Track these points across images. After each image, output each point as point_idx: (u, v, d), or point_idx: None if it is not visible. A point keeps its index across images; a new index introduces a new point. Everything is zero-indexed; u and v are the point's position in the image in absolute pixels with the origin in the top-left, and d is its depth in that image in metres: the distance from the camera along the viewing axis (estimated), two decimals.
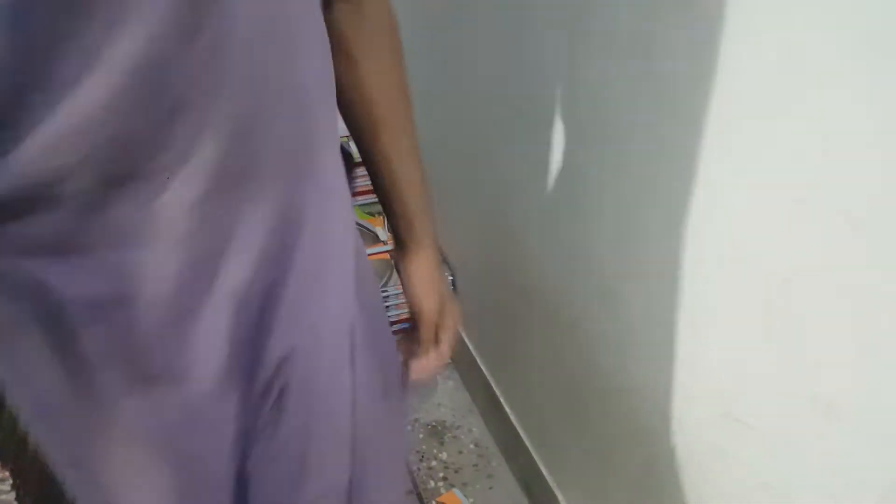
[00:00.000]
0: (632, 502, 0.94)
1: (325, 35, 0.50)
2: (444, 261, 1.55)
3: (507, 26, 1.03)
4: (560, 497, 1.15)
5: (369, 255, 1.58)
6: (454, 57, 1.28)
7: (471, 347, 1.49)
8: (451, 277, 1.52)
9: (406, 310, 1.48)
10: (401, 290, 1.47)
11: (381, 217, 1.73)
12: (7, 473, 0.71)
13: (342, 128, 2.10)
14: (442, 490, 1.32)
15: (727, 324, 0.69)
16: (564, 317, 1.04)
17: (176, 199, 0.42)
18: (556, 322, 1.08)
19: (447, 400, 1.54)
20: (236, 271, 0.47)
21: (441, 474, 1.36)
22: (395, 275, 1.51)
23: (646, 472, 0.88)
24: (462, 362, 1.56)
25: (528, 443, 1.25)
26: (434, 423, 1.48)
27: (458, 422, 1.48)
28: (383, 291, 1.48)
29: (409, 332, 0.71)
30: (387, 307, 1.50)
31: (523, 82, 1.02)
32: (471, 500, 1.28)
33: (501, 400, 1.35)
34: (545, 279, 1.07)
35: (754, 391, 0.66)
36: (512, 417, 1.31)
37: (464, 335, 1.53)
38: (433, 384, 1.57)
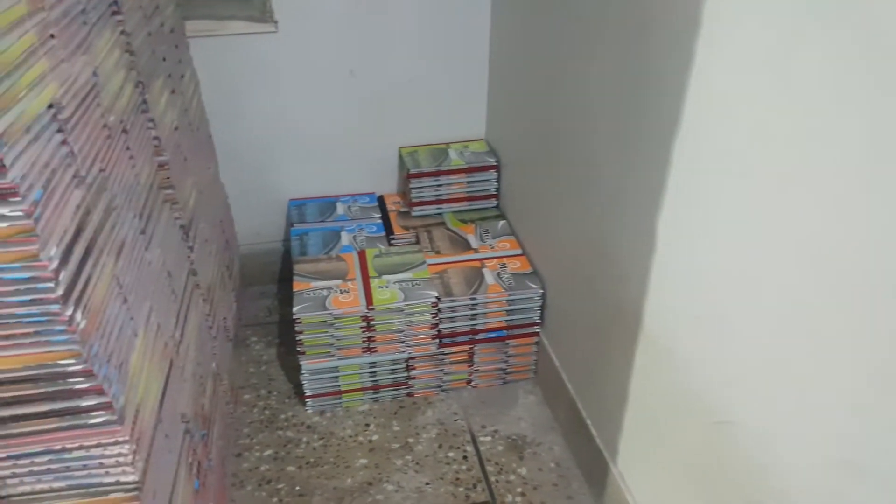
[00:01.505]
0: None
1: None
2: (536, 272, 1.55)
3: (628, 38, 1.03)
4: None
5: (459, 262, 1.60)
6: (571, 72, 1.28)
7: (556, 363, 1.48)
8: (541, 291, 1.52)
9: (499, 317, 1.50)
10: (490, 300, 1.51)
11: (473, 224, 1.75)
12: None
13: (404, 138, 2.18)
14: None
15: (855, 361, 0.65)
16: (663, 341, 1.02)
17: None
18: (652, 345, 1.06)
19: (528, 415, 1.53)
20: None
21: (519, 489, 1.35)
22: (484, 282, 1.53)
23: None
24: (546, 377, 1.56)
25: (613, 468, 1.23)
26: (514, 437, 1.47)
27: (538, 438, 1.47)
28: (472, 299, 1.49)
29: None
30: (475, 315, 1.52)
31: (639, 95, 1.01)
32: None
33: (587, 420, 1.33)
34: (644, 300, 1.06)
35: (882, 439, 0.63)
36: (597, 439, 1.29)
37: (550, 350, 1.52)
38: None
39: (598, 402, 1.29)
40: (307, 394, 1.51)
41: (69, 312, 0.65)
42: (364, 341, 1.48)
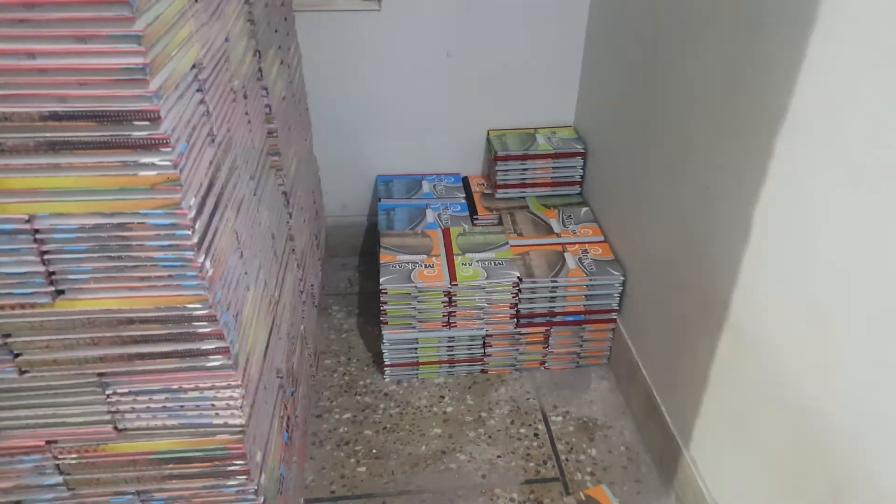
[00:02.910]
0: None
1: None
2: (617, 260, 1.54)
3: (737, 30, 1.00)
4: None
5: (541, 245, 1.61)
6: (671, 62, 1.26)
7: (633, 350, 1.47)
8: (622, 278, 1.51)
9: (578, 301, 1.51)
10: (570, 283, 1.51)
11: (556, 210, 1.75)
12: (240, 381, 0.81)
13: (493, 122, 2.20)
14: (588, 484, 1.33)
15: None
16: (751, 331, 1.00)
17: None
18: (738, 335, 1.04)
19: (599, 399, 1.53)
20: None
21: (588, 469, 1.36)
22: (566, 266, 1.53)
23: (832, 501, 0.83)
24: (620, 364, 1.55)
25: (686, 453, 1.22)
26: (585, 419, 1.48)
27: (609, 422, 1.47)
28: (553, 282, 1.50)
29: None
30: (554, 297, 1.52)
31: (745, 88, 0.98)
32: (618, 499, 1.27)
33: (661, 406, 1.32)
34: (734, 291, 1.04)
35: None
36: (671, 425, 1.28)
37: (626, 337, 1.51)
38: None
39: (673, 389, 1.28)
40: (386, 363, 1.57)
41: (201, 260, 0.71)
42: (445, 316, 1.52)
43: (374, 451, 1.40)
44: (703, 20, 1.11)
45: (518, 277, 1.49)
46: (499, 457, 1.39)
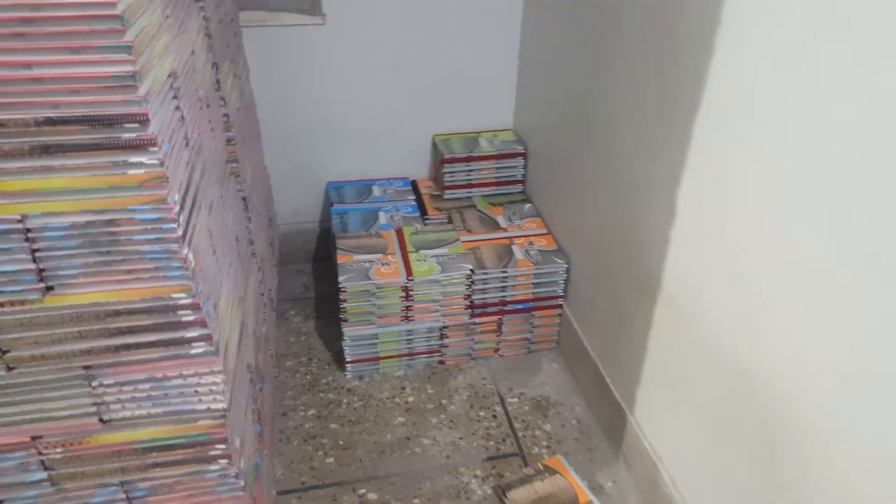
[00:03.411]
0: (746, 476, 1.01)
1: None
2: (561, 249, 1.66)
3: (652, 31, 1.13)
4: (664, 471, 1.23)
5: (490, 240, 1.71)
6: (597, 64, 1.39)
7: (579, 332, 1.59)
8: (566, 266, 1.62)
9: (527, 290, 1.61)
10: (519, 273, 1.61)
11: (501, 207, 1.86)
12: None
13: (438, 127, 2.32)
14: (545, 456, 1.43)
15: (858, 305, 0.76)
16: (681, 299, 1.13)
17: None
18: (670, 304, 1.16)
19: (551, 380, 1.64)
20: None
21: (544, 443, 1.46)
22: (514, 257, 1.63)
23: (763, 445, 0.95)
24: (568, 346, 1.66)
25: (631, 418, 1.34)
26: (539, 399, 1.58)
27: (561, 400, 1.58)
28: (503, 272, 1.60)
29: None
30: (505, 287, 1.62)
31: (662, 84, 1.11)
32: (573, 467, 1.37)
33: (607, 379, 1.43)
34: (664, 265, 1.16)
35: (876, 361, 0.73)
36: (616, 395, 1.39)
37: (573, 320, 1.62)
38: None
39: (618, 362, 1.39)
40: (348, 359, 1.63)
41: (185, 252, 0.76)
42: (403, 310, 1.59)
43: (340, 442, 1.46)
44: (624, 25, 1.24)
45: (471, 270, 1.59)
46: (461, 438, 1.47)
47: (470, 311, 1.64)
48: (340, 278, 1.55)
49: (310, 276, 2.04)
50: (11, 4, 0.61)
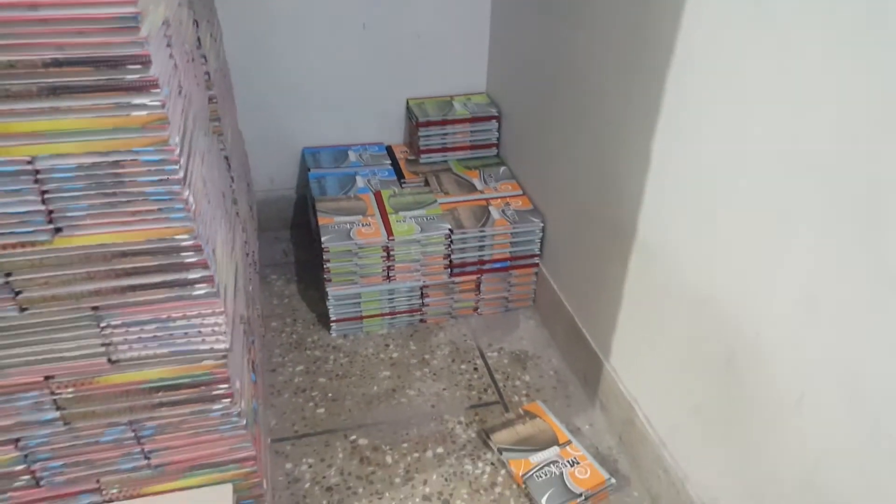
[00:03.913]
0: (712, 397, 1.09)
1: None
2: (536, 209, 1.72)
3: None
4: (638, 410, 1.31)
5: (467, 201, 1.76)
6: (569, 17, 1.44)
7: (555, 287, 1.66)
8: (541, 224, 1.69)
9: (504, 249, 1.67)
10: (496, 232, 1.67)
11: (476, 171, 1.91)
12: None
13: (413, 90, 2.39)
14: (525, 403, 1.50)
15: (808, 233, 0.83)
16: (654, 243, 1.20)
17: None
18: (645, 249, 1.23)
19: (528, 336, 1.71)
20: None
21: (524, 392, 1.53)
22: (491, 217, 1.69)
23: (727, 368, 1.04)
24: (544, 303, 1.73)
25: (606, 364, 1.41)
26: (517, 352, 1.65)
27: (538, 353, 1.65)
28: (481, 231, 1.65)
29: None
30: (482, 246, 1.68)
31: (637, 33, 1.17)
32: (551, 412, 1.45)
33: (583, 330, 1.51)
34: (639, 213, 1.23)
35: (841, 277, 0.81)
36: (592, 343, 1.47)
37: (549, 277, 1.69)
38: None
39: (593, 312, 1.47)
40: (332, 318, 1.67)
41: (186, 193, 0.80)
42: (384, 270, 1.64)
43: (329, 394, 1.51)
44: None
45: (450, 229, 1.64)
46: (444, 389, 1.53)
47: (449, 270, 1.69)
48: (323, 238, 1.58)
49: (288, 243, 2.07)
50: None
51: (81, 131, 0.72)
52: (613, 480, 1.30)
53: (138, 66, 0.70)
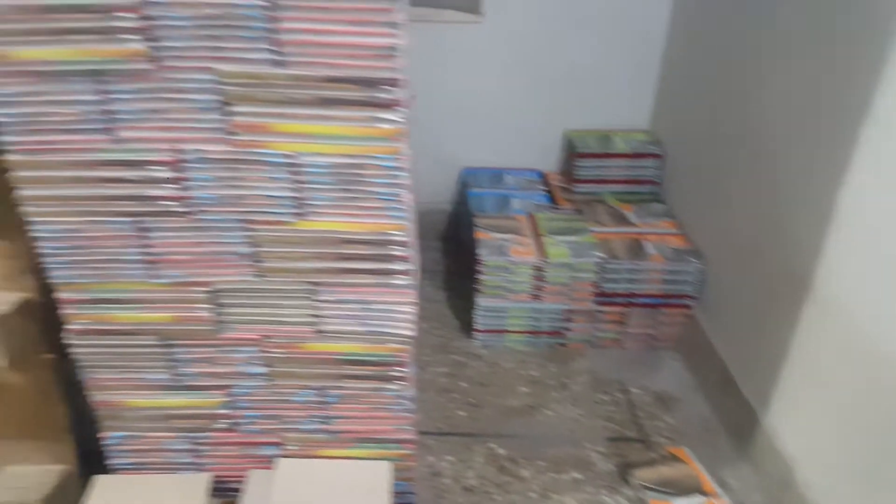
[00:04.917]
0: (887, 467, 1.05)
1: None
2: (694, 250, 1.72)
3: (820, 46, 1.20)
4: (798, 471, 1.26)
5: (621, 233, 1.80)
6: (756, 72, 1.46)
7: (708, 334, 1.64)
8: (699, 266, 1.69)
9: (656, 285, 1.69)
10: (651, 267, 1.69)
11: (631, 205, 1.94)
12: None
13: (572, 122, 2.40)
14: (667, 444, 1.49)
15: None
16: (834, 296, 1.18)
17: None
18: (821, 303, 1.21)
19: (673, 377, 1.69)
20: None
21: (667, 433, 1.52)
22: (645, 252, 1.72)
23: None
24: (692, 347, 1.72)
25: (765, 423, 1.37)
26: (661, 392, 1.64)
27: (684, 397, 1.63)
28: (634, 264, 1.69)
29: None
30: (633, 280, 1.71)
31: (827, 97, 1.17)
32: (696, 460, 1.43)
33: (737, 381, 1.48)
34: (816, 263, 1.21)
35: None
36: (747, 396, 1.44)
37: (702, 323, 1.68)
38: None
39: (750, 363, 1.44)
40: (478, 328, 1.77)
41: (406, 195, 0.92)
42: (533, 289, 1.71)
43: (470, 399, 1.60)
44: (786, 40, 1.31)
45: (602, 257, 1.69)
46: (582, 416, 1.57)
47: (597, 298, 1.74)
48: (481, 251, 1.69)
49: (439, 253, 2.20)
50: None
51: (340, 136, 0.86)
52: None
53: (390, 88, 0.84)
